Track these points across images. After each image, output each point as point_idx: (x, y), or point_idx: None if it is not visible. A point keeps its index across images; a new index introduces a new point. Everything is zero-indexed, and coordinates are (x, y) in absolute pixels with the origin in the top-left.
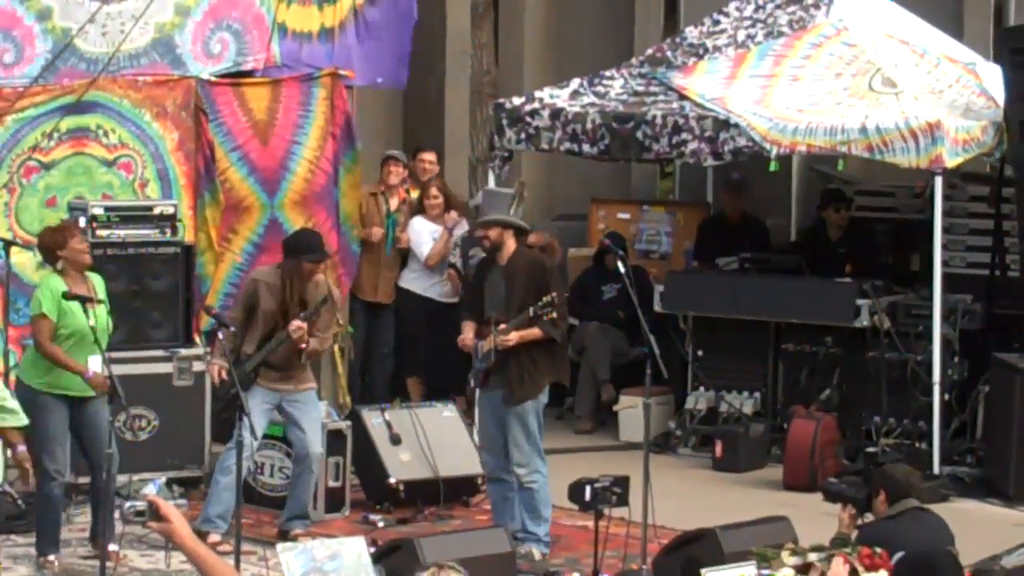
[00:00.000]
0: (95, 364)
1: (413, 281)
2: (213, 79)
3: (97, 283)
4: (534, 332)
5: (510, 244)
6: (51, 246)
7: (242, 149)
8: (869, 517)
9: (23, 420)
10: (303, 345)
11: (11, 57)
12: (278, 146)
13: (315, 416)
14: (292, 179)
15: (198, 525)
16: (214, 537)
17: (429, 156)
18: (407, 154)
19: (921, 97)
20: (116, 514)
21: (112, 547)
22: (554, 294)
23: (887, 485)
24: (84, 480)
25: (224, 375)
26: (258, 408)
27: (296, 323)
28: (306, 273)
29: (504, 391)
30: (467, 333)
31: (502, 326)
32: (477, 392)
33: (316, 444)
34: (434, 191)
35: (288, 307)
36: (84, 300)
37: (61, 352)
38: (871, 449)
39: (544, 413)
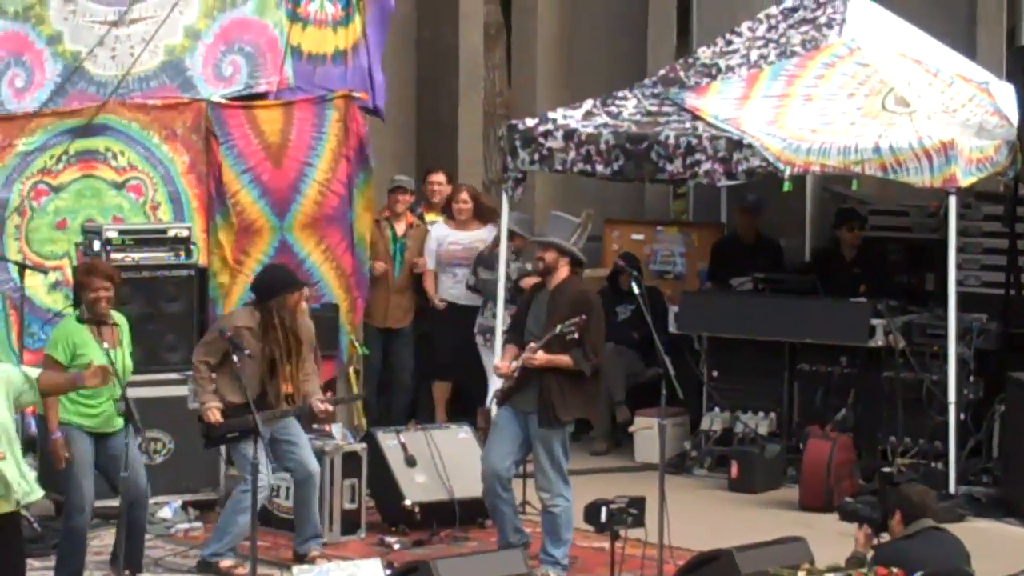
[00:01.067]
0: None
1: (440, 287)
2: (224, 101)
3: (121, 325)
4: (564, 360)
5: (563, 271)
6: (77, 285)
7: (254, 171)
8: (885, 537)
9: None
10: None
11: (22, 82)
12: (291, 168)
13: (304, 437)
14: (303, 201)
15: (207, 557)
16: (228, 561)
17: (438, 178)
18: (418, 176)
19: (934, 116)
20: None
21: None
22: (583, 316)
23: (903, 505)
24: (100, 504)
25: (219, 416)
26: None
27: (326, 407)
28: (292, 306)
29: (531, 413)
30: (506, 358)
31: (531, 344)
32: (493, 409)
33: (314, 462)
34: (464, 196)
35: (278, 348)
36: (98, 322)
37: (52, 400)
38: (887, 469)
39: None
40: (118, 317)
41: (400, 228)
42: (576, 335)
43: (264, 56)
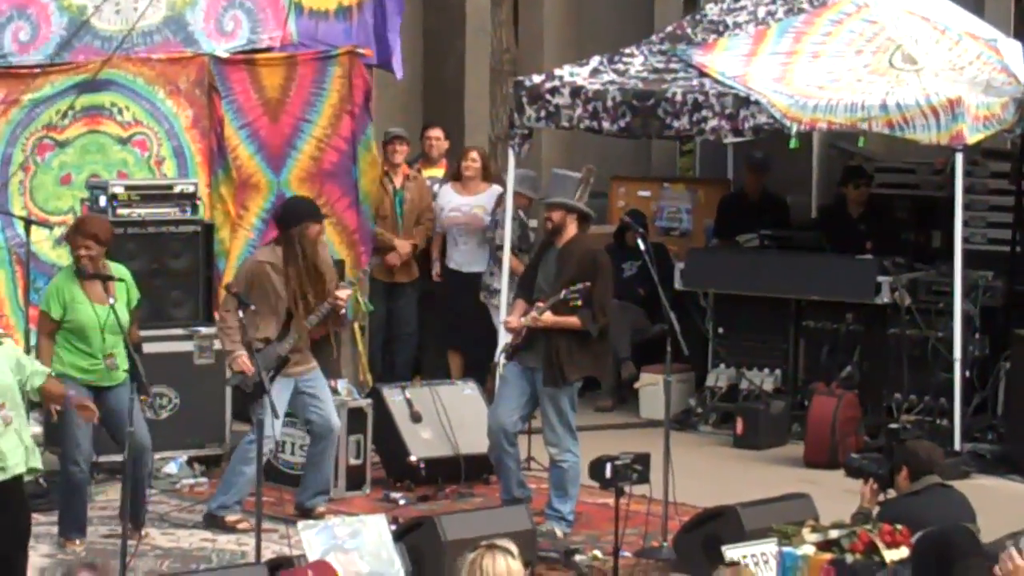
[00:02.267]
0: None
1: (449, 253)
2: (227, 56)
3: (124, 277)
4: (571, 321)
5: (571, 228)
6: (68, 240)
7: (252, 126)
8: (891, 493)
9: (46, 370)
10: (343, 309)
11: (26, 35)
12: (286, 123)
13: (328, 391)
14: (298, 156)
15: (214, 510)
16: (233, 516)
17: (436, 133)
18: (416, 132)
19: (942, 73)
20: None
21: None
22: (587, 283)
23: (909, 461)
24: (104, 459)
25: (249, 364)
26: (280, 396)
27: (346, 292)
28: (313, 237)
29: (539, 370)
30: (515, 313)
31: (539, 304)
32: (501, 364)
33: (336, 418)
34: (473, 155)
35: (302, 280)
36: (105, 279)
37: (48, 357)
38: (894, 425)
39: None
40: (119, 270)
41: (399, 181)
42: (579, 302)
43: (265, 12)
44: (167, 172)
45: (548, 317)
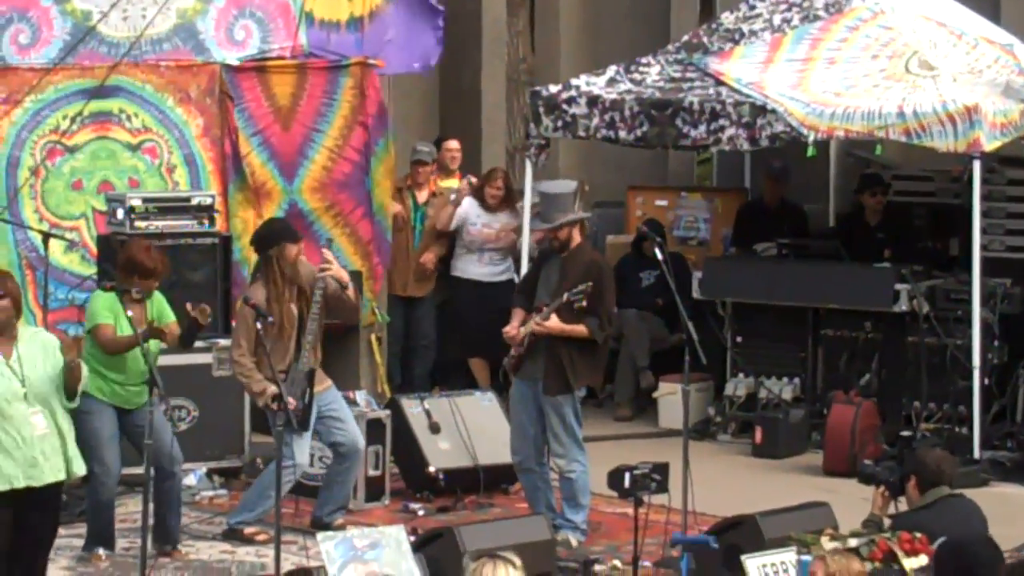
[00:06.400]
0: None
1: (464, 266)
2: (238, 64)
3: (159, 306)
4: (579, 329)
5: (576, 237)
6: (129, 263)
7: (263, 134)
8: (903, 500)
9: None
10: (343, 277)
11: (27, 38)
12: (298, 132)
13: (350, 412)
14: (310, 166)
15: (233, 524)
16: (251, 528)
17: (454, 144)
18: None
19: (959, 78)
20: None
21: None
22: (589, 283)
23: (918, 470)
24: (126, 471)
25: (277, 405)
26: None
27: (327, 252)
28: (292, 258)
29: (540, 380)
30: (514, 322)
31: (543, 309)
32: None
33: (361, 438)
34: (499, 183)
35: (290, 298)
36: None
37: (123, 340)
38: (905, 433)
39: (583, 401)
40: (158, 296)
41: (422, 196)
42: (584, 303)
43: (275, 22)
44: (179, 180)
45: (555, 323)
